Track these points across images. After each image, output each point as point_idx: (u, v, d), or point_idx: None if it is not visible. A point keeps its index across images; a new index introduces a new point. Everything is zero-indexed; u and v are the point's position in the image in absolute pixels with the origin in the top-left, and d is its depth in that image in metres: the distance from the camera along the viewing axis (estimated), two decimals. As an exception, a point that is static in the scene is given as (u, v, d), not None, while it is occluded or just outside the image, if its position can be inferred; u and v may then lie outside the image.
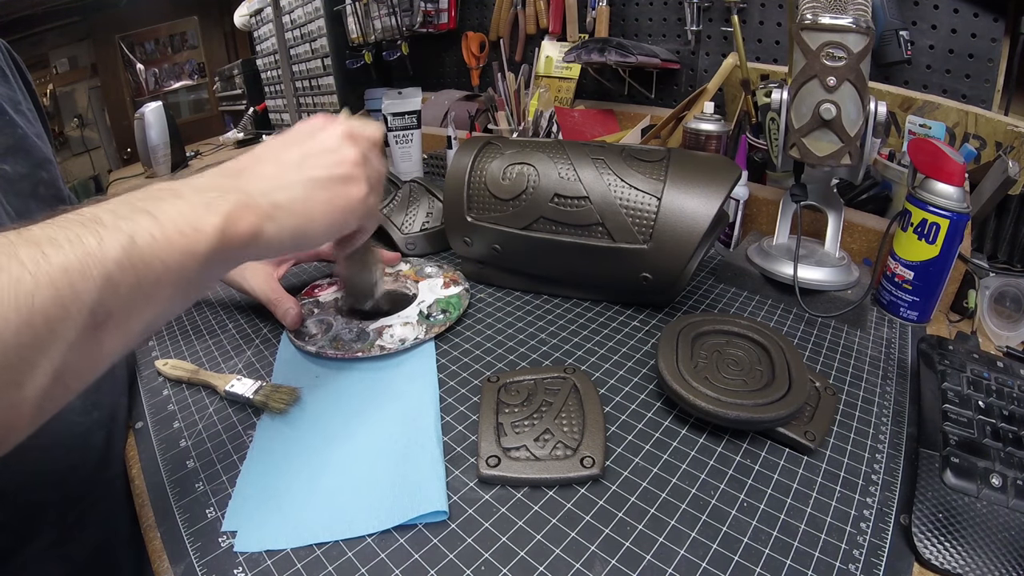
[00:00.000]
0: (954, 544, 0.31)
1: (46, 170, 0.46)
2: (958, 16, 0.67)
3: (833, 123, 0.48)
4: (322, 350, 0.49)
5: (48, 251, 0.22)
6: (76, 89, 3.19)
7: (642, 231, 0.51)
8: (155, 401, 0.46)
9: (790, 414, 0.38)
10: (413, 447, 0.39)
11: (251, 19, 1.81)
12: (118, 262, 0.23)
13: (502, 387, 0.43)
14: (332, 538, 0.33)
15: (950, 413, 0.39)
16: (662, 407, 0.43)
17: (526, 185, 0.55)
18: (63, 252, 0.22)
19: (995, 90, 0.66)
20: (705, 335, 0.46)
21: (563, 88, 1.09)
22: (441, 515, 0.34)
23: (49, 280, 0.21)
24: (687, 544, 0.32)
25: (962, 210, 0.51)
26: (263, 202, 0.31)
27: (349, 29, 1.42)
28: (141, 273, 0.24)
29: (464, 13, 1.29)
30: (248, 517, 0.34)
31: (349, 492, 0.36)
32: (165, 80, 3.38)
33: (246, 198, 0.30)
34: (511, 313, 0.57)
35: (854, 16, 0.45)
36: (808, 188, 0.58)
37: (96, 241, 0.23)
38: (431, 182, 0.79)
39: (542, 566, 0.31)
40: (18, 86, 0.48)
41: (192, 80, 3.40)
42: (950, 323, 0.58)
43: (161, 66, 3.37)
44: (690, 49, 0.93)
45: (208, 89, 3.30)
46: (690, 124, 0.70)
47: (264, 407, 0.43)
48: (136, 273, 0.24)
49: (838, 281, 0.56)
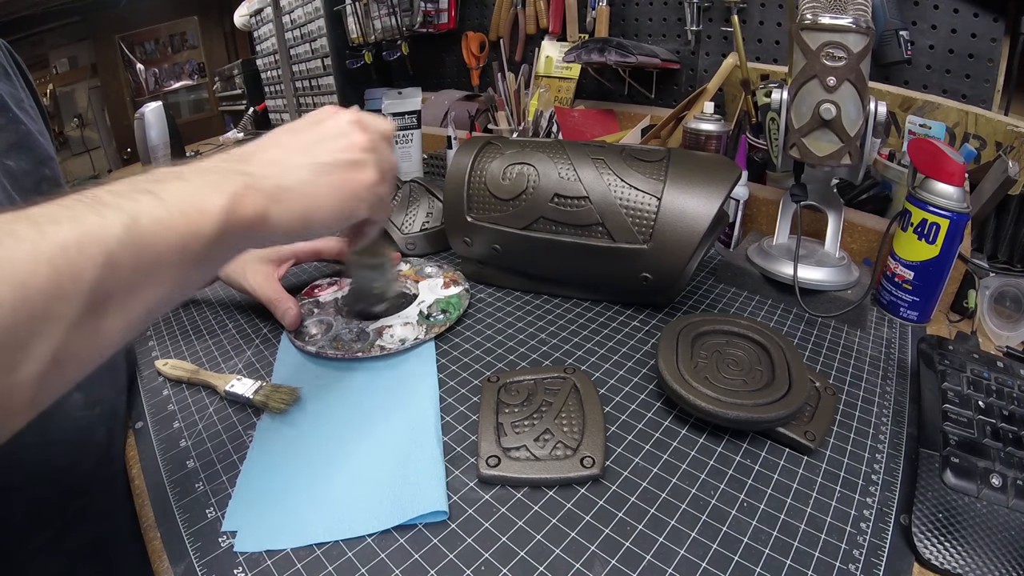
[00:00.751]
0: (954, 544, 0.31)
1: (49, 167, 0.46)
2: (958, 16, 0.67)
3: (833, 123, 0.48)
4: (322, 350, 0.49)
5: (47, 228, 0.21)
6: (76, 89, 3.20)
7: (642, 231, 0.51)
8: (155, 401, 0.46)
9: (790, 414, 0.38)
10: (413, 447, 0.39)
11: (251, 19, 1.81)
12: (120, 240, 0.22)
13: (502, 387, 0.43)
14: (332, 538, 0.33)
15: (950, 413, 0.39)
16: (662, 407, 0.43)
17: (526, 185, 0.55)
18: (62, 230, 0.21)
19: (995, 90, 0.66)
20: (705, 335, 0.46)
21: (563, 88, 1.09)
22: (441, 515, 0.34)
23: (47, 258, 0.20)
24: (687, 544, 0.32)
25: (962, 210, 0.51)
26: (269, 185, 0.30)
27: (349, 29, 1.42)
28: (143, 254, 0.23)
29: (464, 13, 1.29)
30: (248, 517, 0.34)
31: (349, 492, 0.36)
32: (165, 80, 3.38)
33: (252, 180, 0.29)
34: (511, 313, 0.57)
35: (854, 16, 0.45)
36: (808, 188, 0.58)
37: (98, 219, 0.22)
38: (431, 182, 0.79)
39: (542, 566, 0.31)
40: (20, 84, 0.48)
41: (192, 80, 3.40)
42: (950, 323, 0.58)
43: (161, 66, 3.38)
44: (690, 49, 0.93)
45: (208, 89, 3.30)
46: (690, 124, 0.70)
47: (264, 407, 0.43)
48: (138, 253, 0.23)
49: (838, 281, 0.56)
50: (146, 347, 0.53)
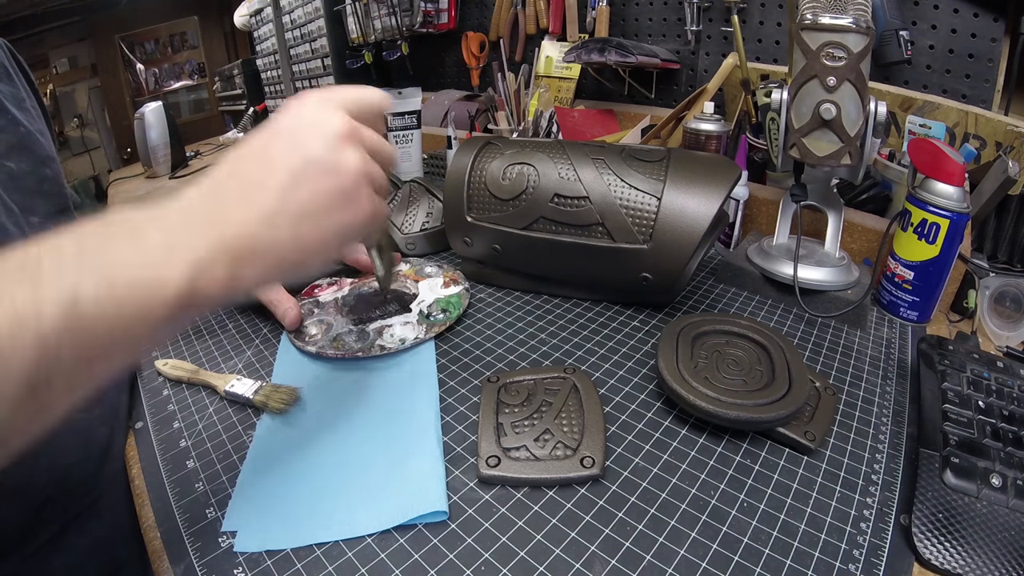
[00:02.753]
0: (954, 544, 0.31)
1: (49, 167, 0.46)
2: (958, 16, 0.67)
3: (833, 123, 0.48)
4: (322, 350, 0.49)
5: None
6: (76, 89, 3.19)
7: (642, 231, 0.51)
8: (155, 401, 0.46)
9: (790, 414, 0.38)
10: (413, 447, 0.39)
11: (251, 19, 1.81)
12: (56, 328, 0.20)
13: (502, 387, 0.43)
14: (332, 538, 0.33)
15: (950, 413, 0.39)
16: (662, 407, 0.43)
17: (526, 185, 0.55)
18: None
19: (995, 90, 0.66)
20: (705, 335, 0.46)
21: (563, 88, 1.09)
22: (441, 515, 0.34)
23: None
24: (687, 544, 0.32)
25: (962, 210, 0.51)
26: (242, 243, 0.26)
27: (349, 29, 1.42)
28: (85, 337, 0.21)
29: (464, 13, 1.29)
30: (248, 517, 0.34)
31: (349, 492, 0.36)
32: (165, 80, 3.38)
33: (221, 240, 0.25)
34: (511, 313, 0.57)
35: (854, 16, 0.45)
36: (808, 188, 0.58)
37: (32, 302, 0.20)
38: (431, 182, 0.79)
39: (542, 566, 0.31)
40: (21, 84, 0.48)
41: (192, 80, 3.40)
42: (950, 323, 0.58)
43: (161, 66, 3.37)
44: (690, 49, 0.93)
45: (208, 89, 3.30)
46: (690, 124, 0.70)
47: (264, 407, 0.43)
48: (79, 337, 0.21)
49: (838, 281, 0.56)
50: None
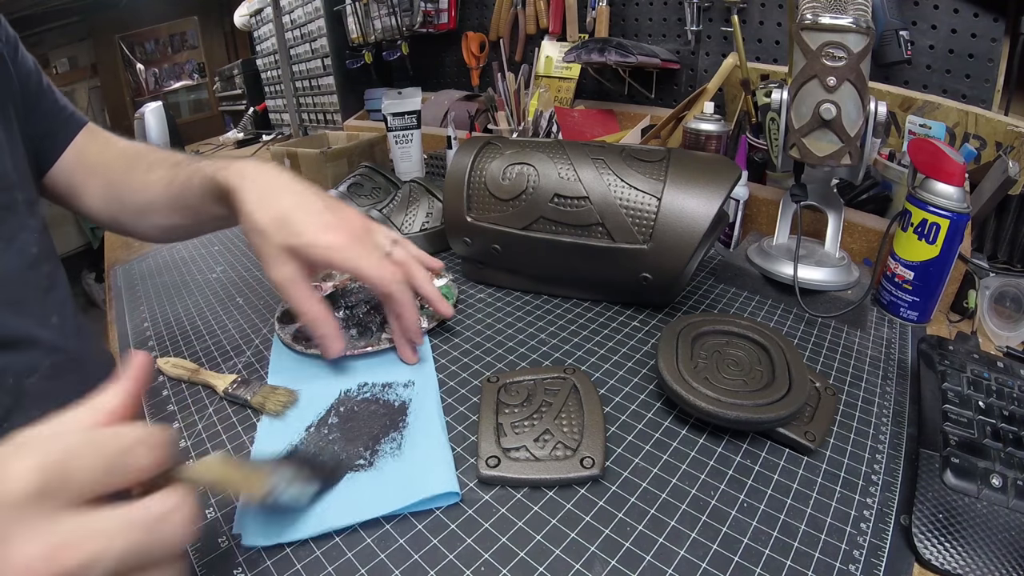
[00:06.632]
0: (954, 544, 0.31)
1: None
2: (958, 16, 0.67)
3: (833, 123, 0.48)
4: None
5: None
6: (76, 89, 3.20)
7: (642, 231, 0.51)
8: (155, 401, 0.46)
9: (790, 414, 0.37)
10: (418, 434, 0.39)
11: (251, 19, 1.81)
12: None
13: (502, 387, 0.43)
14: (341, 524, 0.33)
15: (950, 413, 0.39)
16: (662, 407, 0.43)
17: (526, 185, 0.55)
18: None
19: (995, 90, 0.66)
20: (705, 335, 0.46)
21: (563, 88, 1.09)
22: (453, 496, 0.34)
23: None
24: (687, 544, 0.32)
25: (962, 210, 0.51)
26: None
27: (349, 29, 1.42)
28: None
29: (464, 13, 1.29)
30: (255, 510, 0.34)
31: (356, 479, 0.36)
32: (165, 80, 3.38)
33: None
34: (511, 313, 0.57)
35: (854, 16, 0.45)
36: (808, 188, 0.58)
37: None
38: (431, 182, 0.79)
39: (542, 566, 0.31)
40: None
41: (192, 80, 3.40)
42: (950, 323, 0.58)
43: (161, 66, 3.38)
44: (690, 49, 0.93)
45: (208, 89, 3.30)
46: (690, 124, 0.70)
47: (261, 409, 0.43)
48: None
49: (838, 281, 0.56)
50: (146, 347, 0.53)
